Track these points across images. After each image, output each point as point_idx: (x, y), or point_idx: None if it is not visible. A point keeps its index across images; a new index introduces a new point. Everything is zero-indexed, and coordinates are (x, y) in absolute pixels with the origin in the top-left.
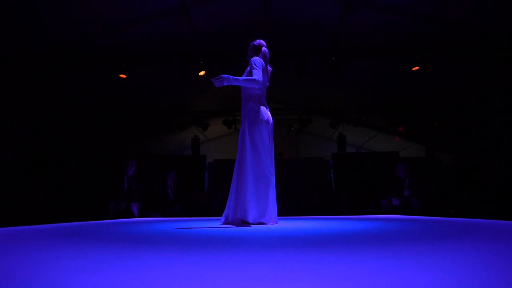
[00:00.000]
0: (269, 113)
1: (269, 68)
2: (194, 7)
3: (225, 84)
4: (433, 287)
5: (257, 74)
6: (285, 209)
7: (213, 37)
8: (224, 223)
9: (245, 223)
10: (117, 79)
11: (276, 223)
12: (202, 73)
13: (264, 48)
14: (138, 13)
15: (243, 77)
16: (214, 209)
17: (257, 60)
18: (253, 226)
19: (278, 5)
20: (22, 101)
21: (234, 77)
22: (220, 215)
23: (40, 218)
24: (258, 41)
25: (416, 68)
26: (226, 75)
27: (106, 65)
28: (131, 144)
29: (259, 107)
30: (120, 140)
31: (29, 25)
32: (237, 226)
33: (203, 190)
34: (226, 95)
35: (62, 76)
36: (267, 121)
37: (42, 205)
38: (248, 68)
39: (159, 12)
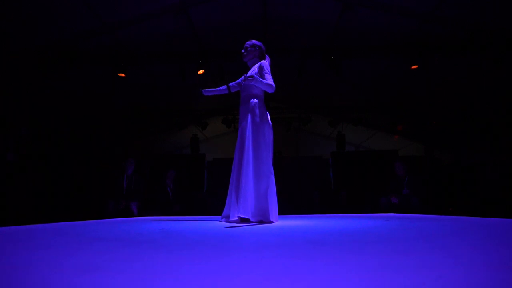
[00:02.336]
0: (268, 114)
1: None
2: (194, 6)
3: (252, 83)
4: (433, 286)
5: (271, 80)
6: (285, 208)
7: (212, 36)
8: (224, 222)
9: (245, 221)
10: (116, 78)
11: (276, 221)
12: (201, 71)
13: (268, 57)
14: (137, 12)
15: (265, 81)
16: (213, 207)
17: (268, 65)
18: (253, 224)
19: (277, 4)
20: (22, 100)
21: (260, 79)
22: (220, 214)
23: (40, 218)
24: (259, 42)
25: (415, 66)
26: (256, 76)
27: (106, 64)
28: (131, 143)
29: (261, 108)
30: (119, 139)
31: (28, 24)
32: (237, 224)
33: (203, 189)
34: (225, 94)
35: (62, 75)
36: (269, 124)
37: (42, 205)
38: (257, 70)
39: (159, 11)
